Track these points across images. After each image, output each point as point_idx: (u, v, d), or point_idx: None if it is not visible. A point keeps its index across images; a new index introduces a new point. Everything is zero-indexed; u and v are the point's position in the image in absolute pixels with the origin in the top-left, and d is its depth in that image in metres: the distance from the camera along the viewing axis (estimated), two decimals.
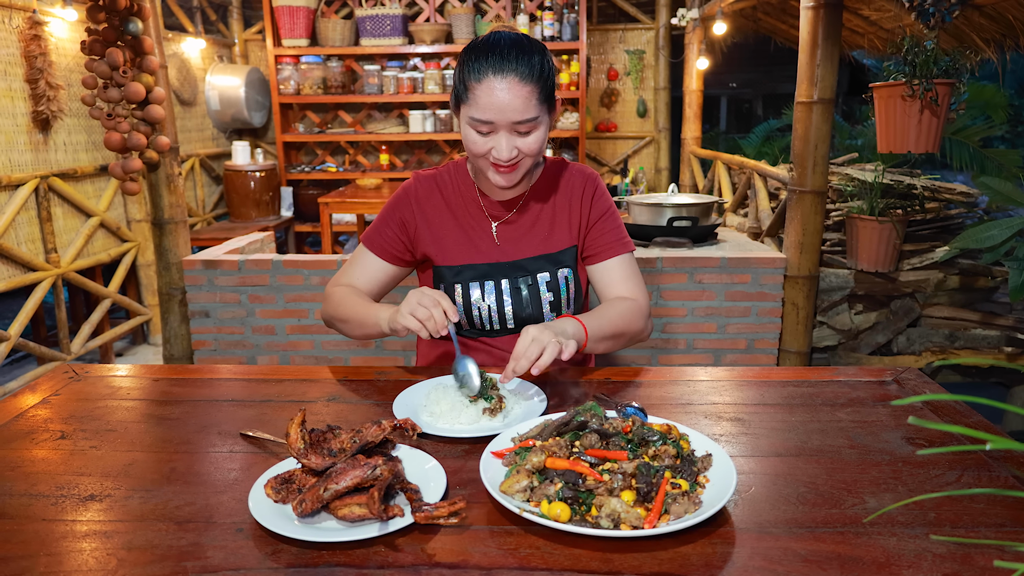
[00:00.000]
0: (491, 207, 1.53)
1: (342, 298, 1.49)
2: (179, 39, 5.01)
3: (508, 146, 1.34)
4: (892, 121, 2.68)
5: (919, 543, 0.86)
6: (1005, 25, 3.23)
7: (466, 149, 1.41)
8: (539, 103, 1.34)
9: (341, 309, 1.47)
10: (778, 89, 10.60)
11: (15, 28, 3.24)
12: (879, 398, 1.30)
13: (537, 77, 1.32)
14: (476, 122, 1.33)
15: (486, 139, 1.35)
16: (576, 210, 1.54)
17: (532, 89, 1.32)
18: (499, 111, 1.31)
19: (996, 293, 3.33)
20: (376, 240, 1.54)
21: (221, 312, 3.33)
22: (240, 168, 5.19)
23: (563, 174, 1.56)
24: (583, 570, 0.82)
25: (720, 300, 3.21)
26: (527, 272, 1.52)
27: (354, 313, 1.44)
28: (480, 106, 1.32)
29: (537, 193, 1.54)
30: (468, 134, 1.37)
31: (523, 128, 1.34)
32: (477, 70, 1.31)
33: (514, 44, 1.33)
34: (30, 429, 1.20)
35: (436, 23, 5.42)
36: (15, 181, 3.23)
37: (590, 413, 1.07)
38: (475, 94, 1.32)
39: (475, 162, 1.42)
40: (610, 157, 6.32)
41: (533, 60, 1.32)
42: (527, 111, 1.32)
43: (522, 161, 1.38)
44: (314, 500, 0.90)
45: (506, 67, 1.30)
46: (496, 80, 1.30)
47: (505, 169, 1.37)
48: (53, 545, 0.88)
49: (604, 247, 1.54)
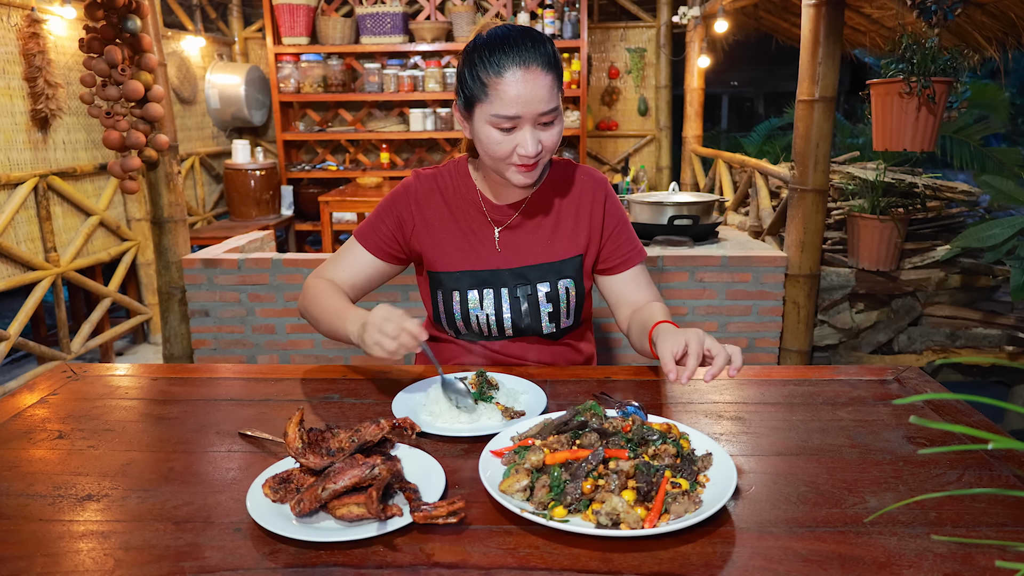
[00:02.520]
0: (493, 211, 1.48)
1: (318, 293, 1.43)
2: (178, 37, 5.01)
3: (533, 140, 1.29)
4: (888, 119, 2.67)
5: (920, 543, 0.86)
6: (1007, 23, 3.23)
7: (484, 152, 1.34)
8: (558, 91, 1.31)
9: (315, 307, 1.42)
10: (779, 87, 10.59)
11: (13, 26, 3.24)
12: (880, 397, 1.30)
13: (554, 65, 1.30)
14: (500, 119, 1.28)
15: (510, 136, 1.30)
16: (586, 219, 1.49)
17: (553, 77, 1.29)
18: (526, 103, 1.27)
19: (997, 292, 3.33)
20: (369, 236, 1.49)
21: (221, 311, 3.33)
22: (240, 167, 5.19)
23: (571, 177, 1.51)
24: (582, 570, 0.82)
25: (721, 299, 3.21)
26: (527, 281, 1.47)
27: (325, 314, 1.39)
28: (505, 101, 1.27)
29: (542, 196, 1.49)
30: (489, 135, 1.30)
31: (547, 119, 1.30)
32: (496, 63, 1.27)
33: (526, 34, 1.29)
34: (28, 429, 1.20)
35: (437, 21, 5.41)
36: (14, 180, 3.22)
37: (590, 412, 1.06)
38: (498, 90, 1.27)
39: (494, 164, 1.35)
40: (611, 156, 6.32)
41: (548, 48, 1.30)
42: (551, 100, 1.29)
43: (543, 157, 1.34)
44: (312, 500, 0.90)
45: (527, 57, 1.26)
46: (521, 72, 1.26)
47: (529, 167, 1.33)
48: (50, 545, 0.88)
49: (623, 259, 1.51)
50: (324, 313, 1.39)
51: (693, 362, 1.16)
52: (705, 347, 1.17)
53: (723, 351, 1.16)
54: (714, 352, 1.17)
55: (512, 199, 1.48)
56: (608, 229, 1.50)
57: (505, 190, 1.46)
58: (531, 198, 1.49)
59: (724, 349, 1.17)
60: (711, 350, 1.17)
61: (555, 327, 1.51)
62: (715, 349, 1.17)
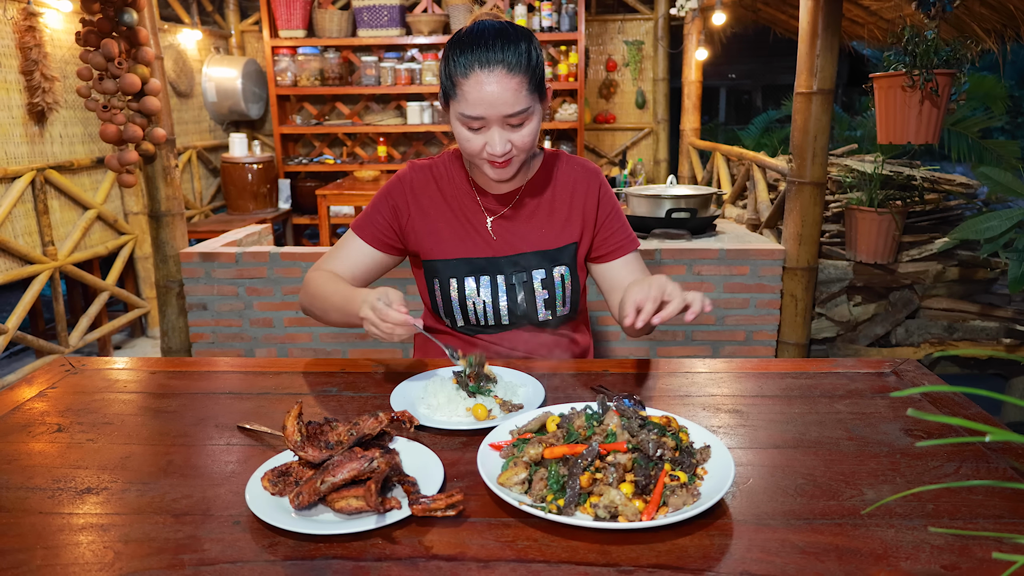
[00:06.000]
0: (486, 201, 1.50)
1: (321, 284, 1.43)
2: (175, 30, 4.98)
3: (501, 141, 1.31)
4: (892, 112, 2.67)
5: (917, 535, 0.86)
6: (1006, 15, 3.22)
7: (460, 146, 1.38)
8: (529, 93, 1.30)
9: (319, 297, 1.43)
10: (777, 80, 10.57)
11: (10, 19, 3.22)
12: (877, 390, 1.30)
13: (525, 67, 1.29)
14: (467, 119, 1.30)
15: (478, 135, 1.32)
16: (579, 208, 1.50)
17: (521, 80, 1.28)
18: (489, 105, 1.28)
19: (995, 284, 3.33)
20: (367, 227, 1.50)
21: (219, 305, 3.33)
22: (237, 160, 5.18)
23: (562, 168, 1.53)
24: (581, 562, 0.82)
25: (719, 292, 3.21)
26: (522, 268, 1.49)
27: (332, 302, 1.39)
28: (469, 102, 1.28)
29: (534, 187, 1.51)
30: (460, 131, 1.33)
31: (515, 121, 1.30)
32: (463, 65, 1.28)
33: (499, 34, 1.29)
34: (27, 422, 1.20)
35: (434, 14, 5.39)
36: (11, 174, 3.21)
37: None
38: (463, 90, 1.28)
39: (469, 159, 1.39)
40: (609, 149, 6.31)
41: (520, 49, 1.29)
42: (517, 103, 1.29)
43: (516, 155, 1.35)
44: (311, 493, 0.90)
45: (492, 59, 1.26)
46: (483, 74, 1.26)
47: (500, 164, 1.35)
48: (50, 538, 0.88)
49: (615, 247, 1.52)
50: (330, 302, 1.39)
51: (650, 307, 1.19)
52: (666, 293, 1.20)
53: (680, 296, 1.19)
54: (671, 297, 1.20)
55: (504, 190, 1.49)
56: (602, 217, 1.52)
57: (495, 183, 1.47)
58: (525, 188, 1.50)
59: (683, 295, 1.20)
60: (671, 296, 1.20)
61: (551, 314, 1.51)
62: (674, 294, 1.20)
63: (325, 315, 1.43)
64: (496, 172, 1.36)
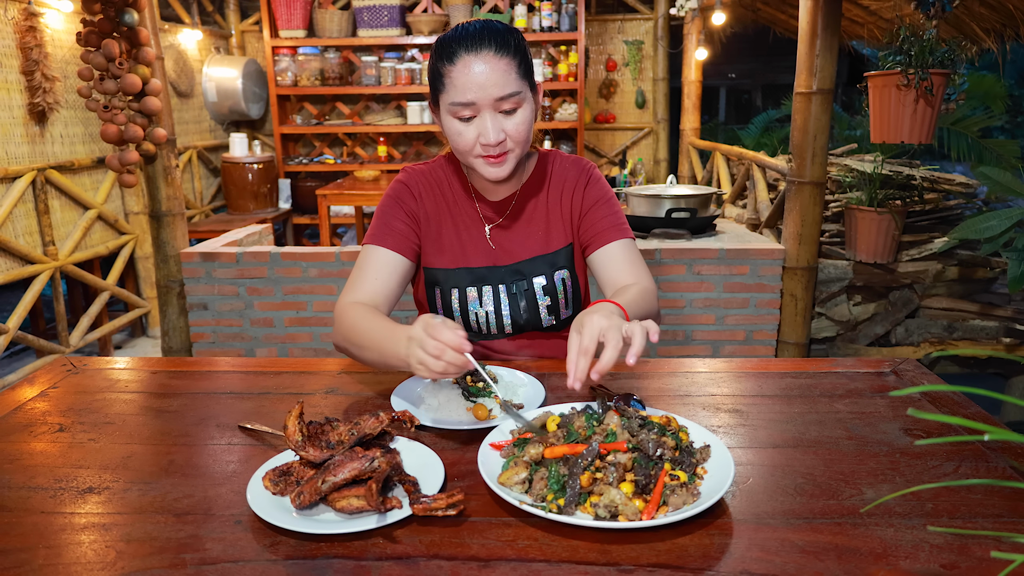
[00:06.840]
0: (484, 208, 1.47)
1: (356, 320, 1.28)
2: (175, 30, 4.99)
3: (495, 128, 1.28)
4: (886, 111, 2.67)
5: (916, 534, 0.86)
6: (1005, 15, 3.22)
7: (453, 146, 1.34)
8: (519, 77, 1.29)
9: (356, 335, 1.27)
10: (777, 80, 10.57)
11: (11, 20, 3.22)
12: (877, 389, 1.30)
13: (513, 50, 1.28)
14: (457, 107, 1.28)
15: (470, 126, 1.29)
16: (568, 203, 1.47)
17: (509, 62, 1.27)
18: (480, 87, 1.25)
19: (995, 284, 3.33)
20: (386, 236, 1.41)
21: (219, 304, 3.33)
22: (238, 160, 5.18)
23: (554, 166, 1.50)
24: (581, 561, 0.82)
25: (719, 291, 3.21)
26: (523, 276, 1.46)
27: (372, 341, 1.23)
28: (458, 87, 1.26)
29: (530, 190, 1.48)
30: (451, 126, 1.30)
31: (507, 105, 1.28)
32: (450, 52, 1.27)
33: (484, 24, 1.29)
34: (28, 422, 1.20)
35: (434, 14, 5.39)
36: (12, 173, 3.22)
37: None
38: (451, 77, 1.27)
39: (464, 158, 1.35)
40: (609, 148, 6.31)
41: (505, 35, 1.28)
42: (507, 84, 1.27)
43: (512, 148, 1.32)
44: (312, 492, 0.90)
45: (479, 43, 1.26)
46: (471, 56, 1.26)
47: (495, 159, 1.31)
48: (52, 537, 0.88)
49: (600, 232, 1.44)
50: (370, 340, 1.24)
51: (583, 363, 1.04)
52: (600, 333, 1.04)
53: (616, 337, 1.03)
54: (607, 338, 1.03)
55: (500, 195, 1.47)
56: (587, 206, 1.47)
57: (491, 186, 1.45)
58: (521, 191, 1.48)
59: (619, 334, 1.03)
60: (606, 336, 1.03)
61: (555, 319, 1.50)
62: (609, 335, 1.03)
63: (362, 354, 1.28)
64: (492, 170, 1.33)
